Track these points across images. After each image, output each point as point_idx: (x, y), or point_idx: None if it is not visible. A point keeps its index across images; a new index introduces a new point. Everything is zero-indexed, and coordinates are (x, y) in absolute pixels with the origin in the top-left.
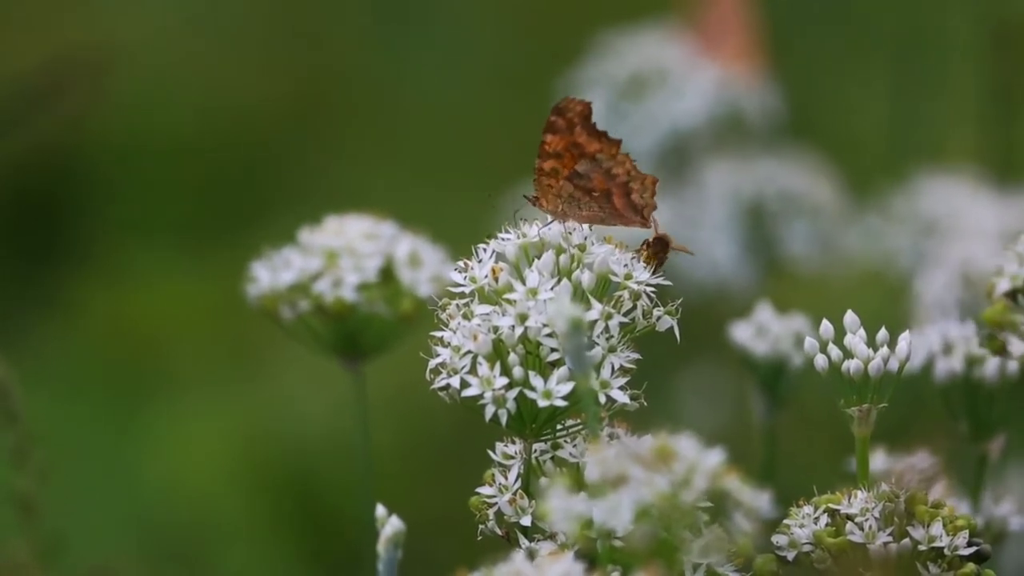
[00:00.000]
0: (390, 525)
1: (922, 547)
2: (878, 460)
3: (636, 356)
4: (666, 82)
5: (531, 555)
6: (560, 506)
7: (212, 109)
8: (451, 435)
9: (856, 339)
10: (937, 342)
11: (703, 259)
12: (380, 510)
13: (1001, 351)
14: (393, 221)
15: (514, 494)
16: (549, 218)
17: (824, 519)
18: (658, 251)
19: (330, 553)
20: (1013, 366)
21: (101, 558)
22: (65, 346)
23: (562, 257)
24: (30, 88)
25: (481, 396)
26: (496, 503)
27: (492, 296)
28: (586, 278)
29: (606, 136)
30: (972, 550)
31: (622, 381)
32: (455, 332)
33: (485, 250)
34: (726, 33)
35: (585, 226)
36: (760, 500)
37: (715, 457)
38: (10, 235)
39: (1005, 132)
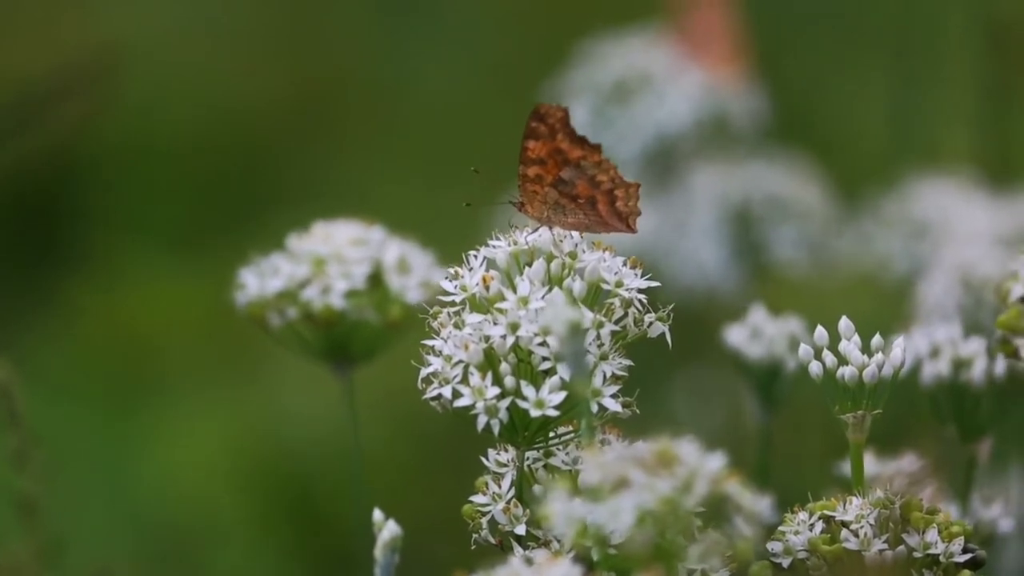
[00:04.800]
0: (387, 530)
1: (917, 554)
2: (867, 463)
3: (628, 363)
4: (651, 87)
5: (528, 562)
6: (561, 510)
7: (210, 110)
8: (446, 438)
9: (851, 345)
10: (924, 346)
11: (691, 264)
12: (377, 514)
13: (1014, 355)
14: (387, 223)
15: (508, 502)
16: (535, 224)
17: (819, 526)
18: None
19: (324, 555)
20: (1000, 369)
21: (97, 559)
22: (62, 348)
23: (553, 264)
24: (37, 92)
25: (473, 406)
26: (490, 512)
27: (483, 305)
28: (577, 286)
29: (587, 141)
30: (967, 556)
31: (614, 389)
32: (446, 341)
33: (476, 258)
34: (711, 37)
35: (575, 233)
36: (761, 505)
37: (717, 461)
38: (8, 237)
39: (1000, 133)
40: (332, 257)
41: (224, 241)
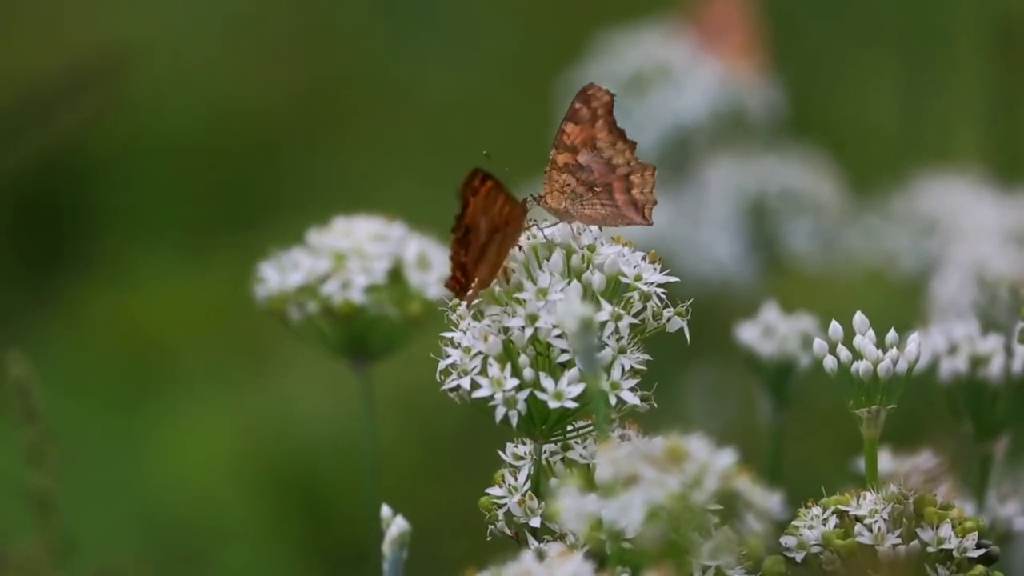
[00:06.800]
0: (395, 525)
1: (931, 549)
2: (883, 460)
3: (646, 357)
4: (668, 79)
5: (540, 556)
6: (571, 505)
7: (217, 108)
8: (458, 435)
9: (865, 340)
10: (942, 342)
11: (705, 257)
12: (385, 510)
13: None
14: (402, 221)
15: (524, 495)
16: (553, 217)
17: (833, 520)
18: None
19: (334, 553)
20: (1018, 366)
21: (106, 557)
22: (69, 347)
23: (572, 258)
24: (44, 92)
25: (492, 397)
26: (506, 504)
27: (502, 297)
28: (596, 279)
29: (625, 136)
30: (981, 552)
31: (632, 382)
32: (465, 333)
33: None
34: (728, 30)
35: (593, 227)
36: (771, 501)
37: (727, 458)
38: (15, 236)
39: (1009, 130)
40: (352, 252)
41: (231, 240)
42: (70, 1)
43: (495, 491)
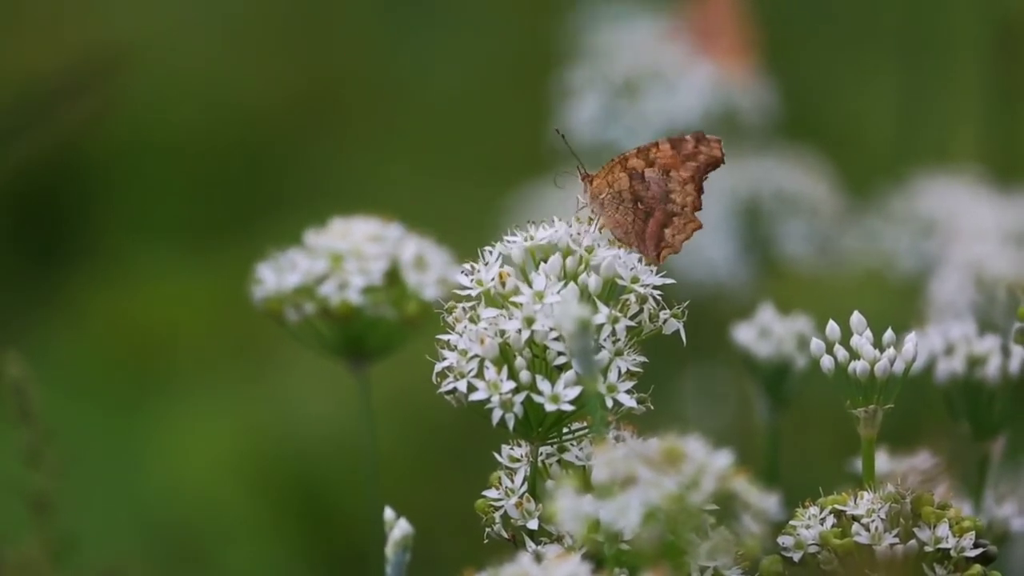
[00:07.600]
0: (399, 528)
1: (928, 548)
2: (880, 461)
3: (643, 359)
4: (661, 81)
5: (538, 558)
6: (569, 506)
7: (217, 107)
8: (456, 435)
9: (862, 340)
10: (939, 343)
11: (699, 259)
12: (388, 513)
13: None
14: (399, 221)
15: (520, 497)
16: (581, 197)
17: (830, 520)
18: None
19: (334, 553)
20: (1015, 366)
21: (106, 557)
22: (69, 345)
23: (568, 260)
24: (45, 91)
25: (488, 400)
26: (502, 506)
27: (498, 299)
28: (593, 281)
29: (701, 190)
30: (978, 551)
31: (629, 385)
32: (461, 335)
33: (491, 253)
34: (720, 31)
35: (594, 231)
36: (768, 502)
37: (724, 459)
38: (15, 235)
39: (1008, 131)
40: (350, 253)
41: (231, 239)
42: (70, 1)
43: (491, 493)
